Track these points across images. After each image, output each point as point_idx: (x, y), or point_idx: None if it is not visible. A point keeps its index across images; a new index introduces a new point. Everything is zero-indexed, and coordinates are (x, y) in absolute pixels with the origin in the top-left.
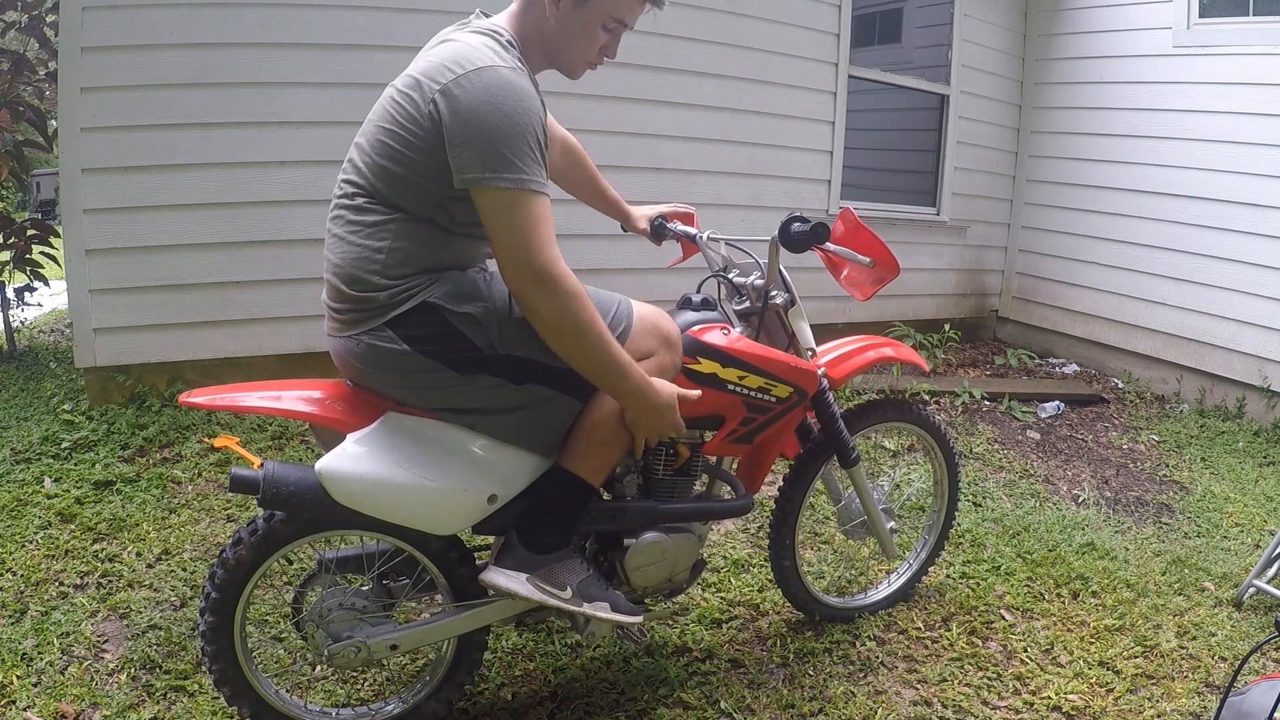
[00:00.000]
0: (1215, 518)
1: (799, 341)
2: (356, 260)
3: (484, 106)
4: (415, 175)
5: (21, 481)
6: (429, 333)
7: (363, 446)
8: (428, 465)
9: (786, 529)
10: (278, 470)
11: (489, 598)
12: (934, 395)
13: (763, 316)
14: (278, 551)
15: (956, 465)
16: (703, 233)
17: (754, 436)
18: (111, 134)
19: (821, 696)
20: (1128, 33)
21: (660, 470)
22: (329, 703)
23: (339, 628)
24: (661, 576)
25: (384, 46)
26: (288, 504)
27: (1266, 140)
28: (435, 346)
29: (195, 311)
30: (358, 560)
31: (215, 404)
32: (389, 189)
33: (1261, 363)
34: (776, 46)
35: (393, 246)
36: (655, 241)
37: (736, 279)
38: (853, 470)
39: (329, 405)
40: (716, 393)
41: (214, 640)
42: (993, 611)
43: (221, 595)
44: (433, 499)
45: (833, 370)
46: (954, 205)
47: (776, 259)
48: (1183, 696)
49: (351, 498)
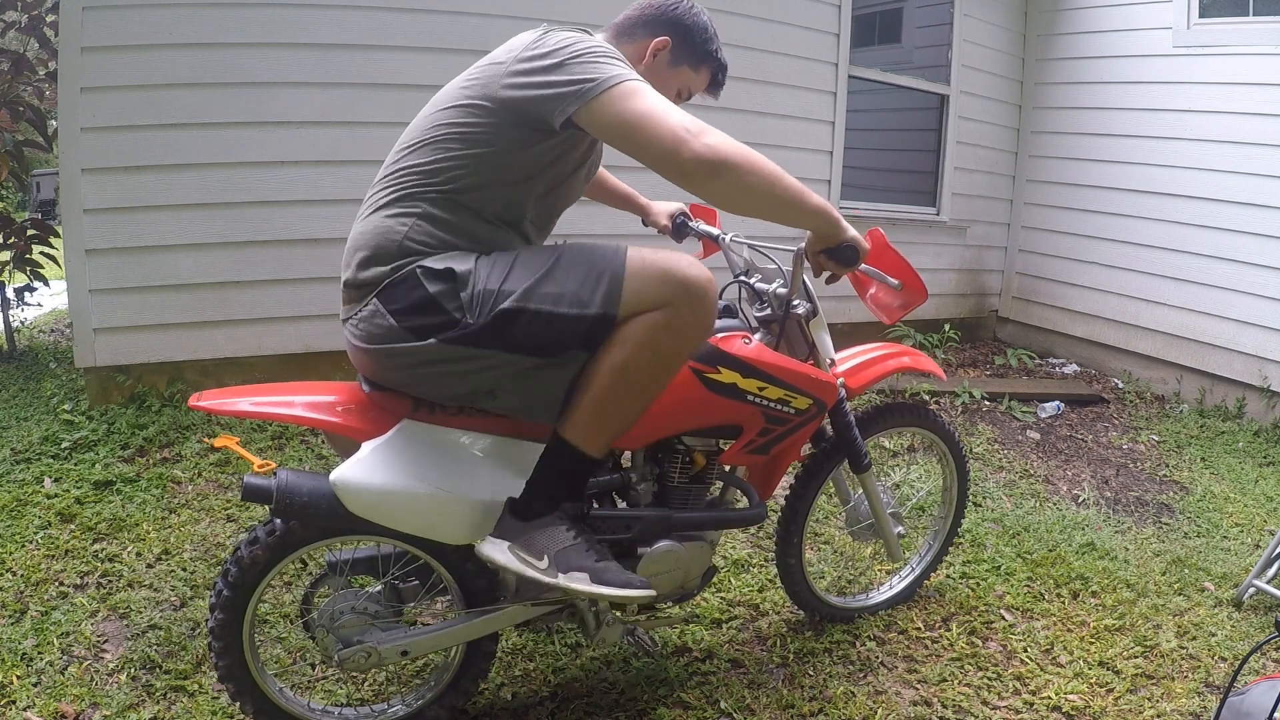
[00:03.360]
0: (1215, 518)
1: (819, 352)
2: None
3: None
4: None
5: (21, 481)
6: (409, 303)
7: (378, 456)
8: (445, 475)
9: (794, 529)
10: (291, 480)
11: (501, 604)
12: (934, 395)
13: (784, 325)
14: (294, 553)
15: (966, 471)
16: (726, 233)
17: (770, 448)
18: (111, 134)
19: (821, 696)
20: (1128, 33)
21: (675, 478)
22: (331, 702)
23: (349, 632)
24: (674, 584)
25: (384, 46)
26: (301, 514)
27: (1266, 140)
28: (414, 318)
29: (195, 311)
30: (368, 562)
31: (224, 409)
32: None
33: (1261, 363)
34: (776, 46)
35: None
36: (677, 239)
37: (758, 284)
38: (864, 476)
39: (343, 412)
40: (735, 403)
41: (222, 637)
42: (993, 611)
43: (234, 593)
44: (450, 509)
45: (850, 380)
46: (954, 205)
47: (800, 269)
48: (1183, 696)
49: (367, 509)
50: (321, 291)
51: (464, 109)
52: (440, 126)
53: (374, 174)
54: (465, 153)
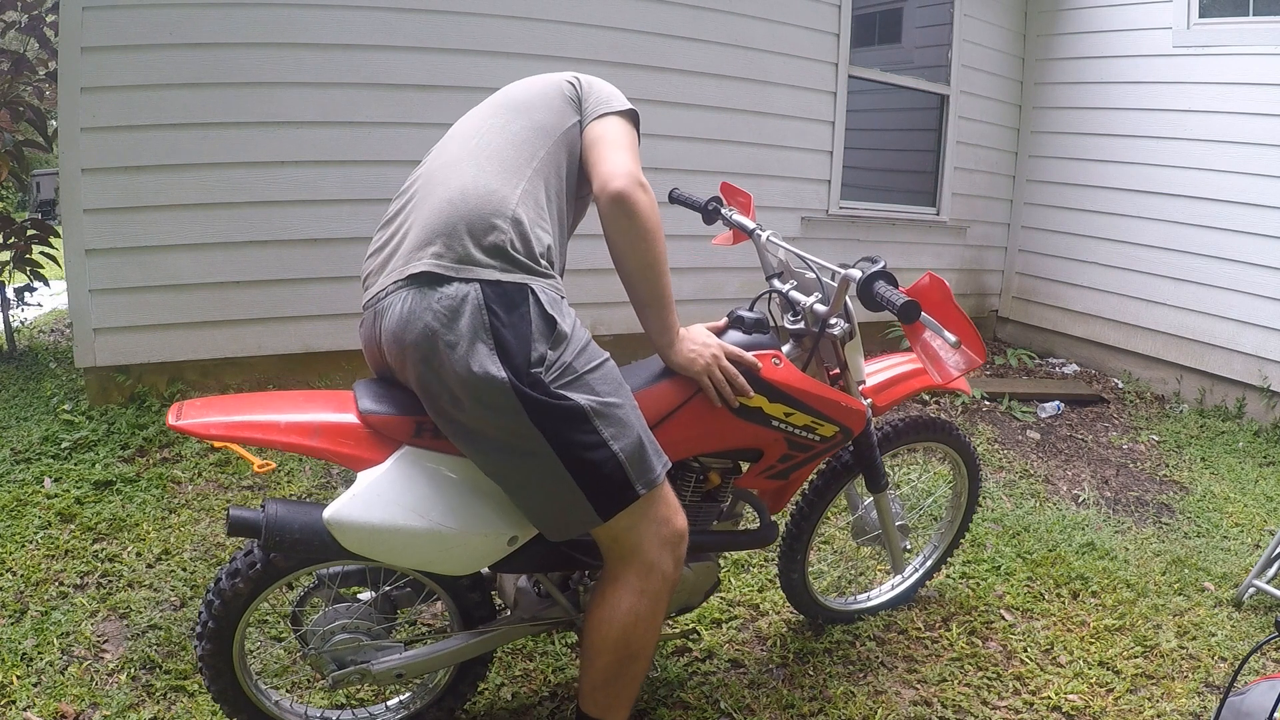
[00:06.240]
0: (1215, 518)
1: (850, 375)
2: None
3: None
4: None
5: (21, 481)
6: (512, 315)
7: (375, 490)
8: (446, 509)
9: (799, 546)
10: (281, 513)
11: (497, 623)
12: (933, 395)
13: (817, 343)
14: (277, 581)
15: (979, 485)
16: (764, 231)
17: (790, 474)
18: (111, 134)
19: (821, 696)
20: (1128, 33)
21: (687, 496)
22: (330, 705)
23: (343, 652)
24: (679, 604)
25: (384, 46)
26: (292, 549)
27: (1266, 140)
28: (508, 332)
29: (195, 311)
30: (359, 574)
31: (210, 430)
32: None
33: (1261, 363)
34: (776, 46)
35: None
36: (707, 221)
37: (794, 294)
38: (879, 495)
39: (338, 439)
40: (759, 428)
41: (212, 664)
42: (993, 611)
43: (219, 624)
44: (451, 545)
45: (878, 399)
46: (954, 205)
47: (844, 294)
48: (1183, 696)
49: (363, 546)
50: (322, 291)
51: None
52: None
53: (374, 174)
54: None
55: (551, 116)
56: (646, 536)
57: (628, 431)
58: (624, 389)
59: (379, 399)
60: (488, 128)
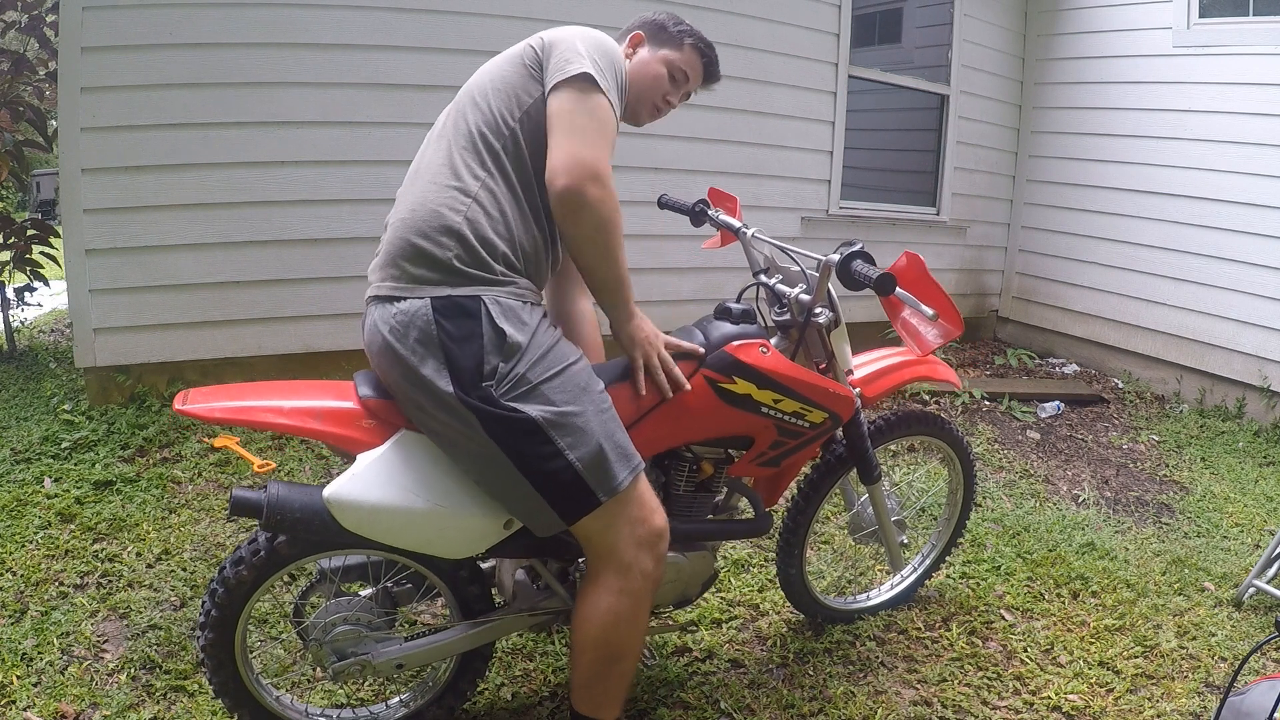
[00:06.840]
0: (1215, 518)
1: (837, 363)
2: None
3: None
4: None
5: (21, 481)
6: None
7: (374, 470)
8: (444, 490)
9: (796, 540)
10: (282, 494)
11: (496, 614)
12: (933, 395)
13: (804, 333)
14: (281, 570)
15: (974, 480)
16: (749, 228)
17: (781, 460)
18: (111, 134)
19: (821, 696)
20: (1128, 33)
21: (681, 486)
22: (330, 704)
23: (344, 645)
24: (675, 595)
25: (384, 46)
26: (293, 530)
27: (1266, 140)
28: (455, 347)
29: (195, 311)
30: (360, 569)
31: (215, 414)
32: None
33: (1261, 363)
34: (776, 46)
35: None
36: (695, 224)
37: (779, 287)
38: (873, 487)
39: (338, 421)
40: (749, 415)
41: (214, 655)
42: (993, 611)
43: (222, 613)
44: (447, 526)
45: (867, 389)
46: (954, 205)
47: (827, 281)
48: (1183, 696)
49: (362, 525)
50: (322, 291)
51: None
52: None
53: (374, 174)
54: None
55: (509, 99)
56: (622, 537)
57: (585, 440)
58: (587, 395)
59: (378, 386)
60: (449, 127)
